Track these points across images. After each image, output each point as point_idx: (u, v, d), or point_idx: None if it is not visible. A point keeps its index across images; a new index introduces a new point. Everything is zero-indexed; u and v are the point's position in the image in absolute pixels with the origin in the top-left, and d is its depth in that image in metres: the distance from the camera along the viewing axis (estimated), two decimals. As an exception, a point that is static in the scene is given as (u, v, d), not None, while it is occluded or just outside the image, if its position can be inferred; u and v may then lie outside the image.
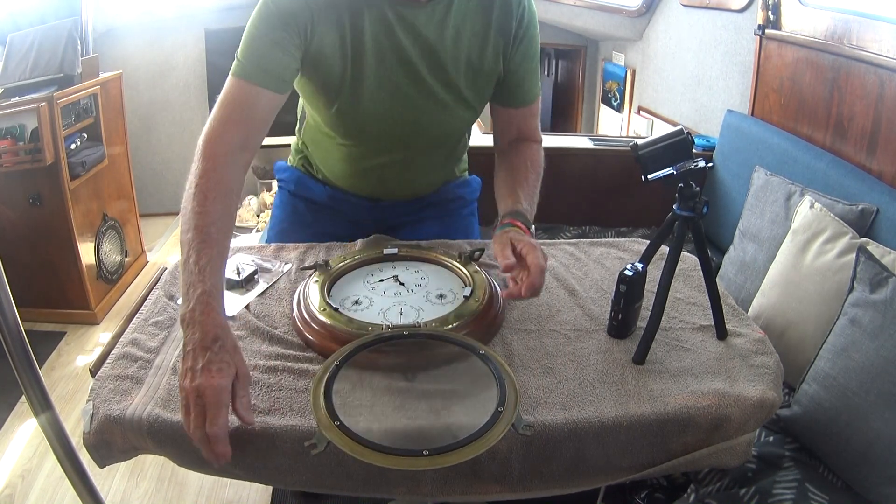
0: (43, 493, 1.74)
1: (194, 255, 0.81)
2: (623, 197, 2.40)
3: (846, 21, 1.75)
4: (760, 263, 1.71)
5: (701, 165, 0.92)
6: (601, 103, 3.86)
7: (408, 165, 1.20)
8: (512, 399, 0.76)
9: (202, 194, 0.86)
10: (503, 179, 1.13)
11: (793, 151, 1.86)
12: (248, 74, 0.96)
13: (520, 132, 1.18)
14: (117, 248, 2.84)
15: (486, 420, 0.73)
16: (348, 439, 0.71)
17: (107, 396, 0.84)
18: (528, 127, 1.18)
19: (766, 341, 0.97)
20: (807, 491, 1.14)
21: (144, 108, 3.55)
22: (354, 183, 1.26)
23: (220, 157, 0.91)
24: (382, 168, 1.20)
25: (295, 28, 0.97)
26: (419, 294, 1.02)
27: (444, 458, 0.69)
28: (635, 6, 3.12)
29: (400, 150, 1.17)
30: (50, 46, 2.43)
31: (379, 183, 1.24)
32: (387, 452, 0.69)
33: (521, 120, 1.18)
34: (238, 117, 0.95)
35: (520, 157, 1.15)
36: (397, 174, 1.22)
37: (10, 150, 2.25)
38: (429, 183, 1.29)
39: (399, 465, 0.69)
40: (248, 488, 1.75)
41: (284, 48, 0.97)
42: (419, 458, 0.69)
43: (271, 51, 0.96)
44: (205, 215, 0.84)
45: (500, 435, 0.72)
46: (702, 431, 0.84)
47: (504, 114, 1.18)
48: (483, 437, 0.71)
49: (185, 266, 0.81)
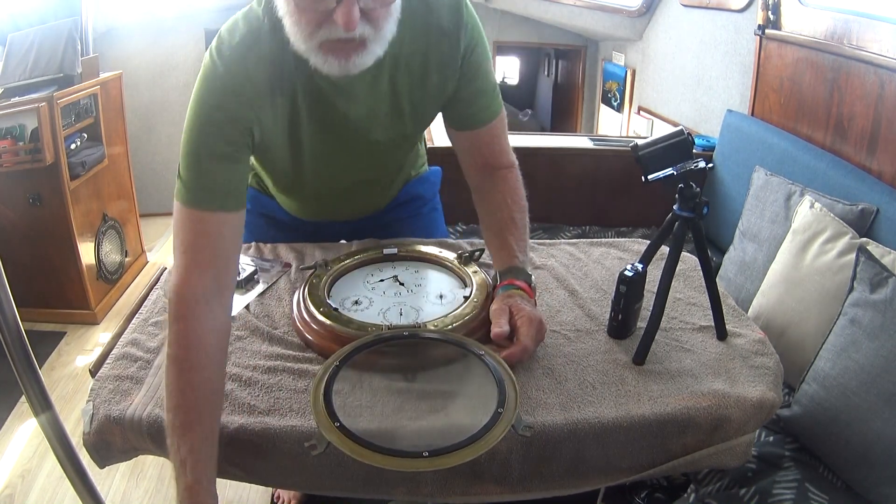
0: (43, 493, 1.74)
1: (175, 442, 0.75)
2: (623, 197, 2.40)
3: (846, 21, 1.75)
4: (760, 263, 1.70)
5: (701, 166, 0.92)
6: (601, 103, 3.86)
7: (358, 196, 1.19)
8: (512, 400, 0.76)
9: (178, 367, 0.78)
10: (488, 226, 1.05)
11: (793, 151, 1.86)
12: (200, 202, 0.85)
13: (486, 158, 1.06)
14: (117, 248, 2.84)
15: (486, 421, 0.73)
16: (348, 440, 0.71)
17: (107, 397, 0.84)
18: (492, 151, 1.06)
19: (766, 342, 0.97)
20: (807, 491, 1.14)
21: (144, 108, 3.55)
22: (308, 212, 1.25)
23: (193, 314, 0.81)
24: (336, 202, 1.19)
25: (240, 133, 0.88)
26: (419, 294, 1.02)
27: (444, 459, 0.69)
28: (635, 6, 3.12)
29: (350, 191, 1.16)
30: (50, 46, 2.44)
31: (334, 212, 1.23)
32: (387, 453, 0.69)
33: (484, 143, 1.06)
34: (203, 257, 0.84)
35: (497, 195, 1.04)
36: (350, 203, 1.21)
37: (10, 150, 2.25)
38: (384, 199, 1.25)
39: (399, 466, 0.69)
40: (248, 488, 1.75)
41: (234, 159, 0.88)
42: (419, 460, 0.69)
43: (221, 168, 0.86)
44: (183, 394, 0.77)
45: (499, 436, 0.72)
46: (702, 432, 0.84)
47: (463, 138, 1.06)
48: (483, 438, 0.71)
49: (171, 451, 0.76)
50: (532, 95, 5.69)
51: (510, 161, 1.08)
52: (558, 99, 4.97)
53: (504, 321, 0.89)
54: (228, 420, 0.80)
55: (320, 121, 0.96)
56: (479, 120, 1.04)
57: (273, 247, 1.23)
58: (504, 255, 1.00)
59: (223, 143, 0.86)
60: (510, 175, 1.06)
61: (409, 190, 1.29)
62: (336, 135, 0.98)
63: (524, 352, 0.86)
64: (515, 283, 0.95)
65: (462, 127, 1.05)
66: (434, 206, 1.35)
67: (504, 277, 0.97)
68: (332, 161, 1.03)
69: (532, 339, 0.87)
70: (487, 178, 1.06)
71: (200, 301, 0.82)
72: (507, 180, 1.06)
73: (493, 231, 1.03)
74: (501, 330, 0.87)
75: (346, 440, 0.71)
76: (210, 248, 0.85)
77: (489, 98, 1.03)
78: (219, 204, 0.86)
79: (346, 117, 0.96)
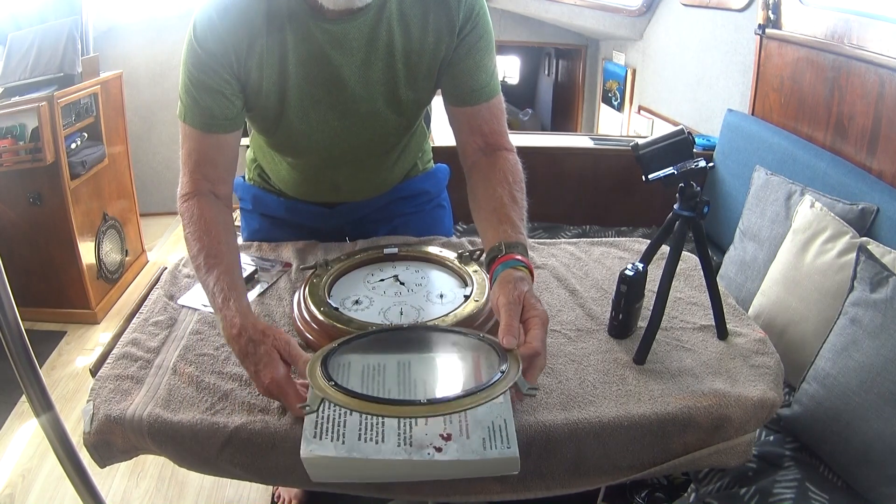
0: (43, 492, 1.74)
1: (205, 279, 0.87)
2: (623, 197, 2.41)
3: (846, 20, 1.75)
4: (761, 263, 1.71)
5: (702, 165, 0.92)
6: (601, 103, 3.86)
7: (357, 172, 1.17)
8: (514, 366, 0.73)
9: (193, 226, 0.92)
10: (485, 203, 0.96)
11: (793, 151, 1.86)
12: (194, 122, 0.96)
13: (485, 138, 1.03)
14: (117, 248, 2.84)
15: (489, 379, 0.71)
16: (343, 395, 0.69)
17: (107, 396, 0.84)
18: (492, 130, 1.03)
19: (767, 341, 0.97)
20: (807, 490, 1.14)
21: (145, 108, 3.55)
22: (307, 191, 1.23)
23: (197, 200, 0.95)
24: (334, 175, 1.17)
25: (228, 70, 0.94)
26: (419, 294, 1.02)
27: (443, 406, 0.67)
28: (636, 6, 3.12)
29: (347, 162, 1.14)
30: (50, 46, 2.44)
31: (332, 190, 1.21)
32: (383, 402, 0.67)
33: (484, 121, 1.03)
34: (199, 166, 0.97)
35: (497, 173, 0.98)
36: (348, 180, 1.19)
37: (10, 149, 2.25)
38: (384, 182, 1.23)
39: (396, 413, 0.67)
40: (248, 488, 1.75)
41: (222, 94, 0.95)
42: (417, 407, 0.67)
43: (211, 97, 0.94)
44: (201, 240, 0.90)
45: (502, 390, 0.69)
46: (702, 431, 0.84)
47: (461, 115, 1.04)
48: (484, 390, 0.68)
49: (205, 291, 0.87)
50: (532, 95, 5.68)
51: (510, 145, 1.05)
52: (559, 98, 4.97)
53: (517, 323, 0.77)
54: (228, 420, 0.80)
55: (309, 72, 0.97)
56: (480, 96, 1.02)
57: (273, 246, 1.23)
58: (506, 230, 0.90)
59: (211, 79, 0.93)
60: (511, 156, 1.03)
61: (415, 184, 1.28)
62: (325, 89, 0.99)
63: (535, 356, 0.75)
64: (519, 259, 0.85)
65: (462, 102, 1.03)
66: (439, 203, 1.34)
67: (507, 251, 0.86)
68: (325, 120, 1.03)
69: (539, 342, 0.76)
70: (486, 157, 1.03)
71: (201, 194, 0.96)
72: (508, 160, 1.01)
73: (492, 207, 0.94)
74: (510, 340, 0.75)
75: (340, 395, 0.69)
76: (205, 160, 0.97)
77: (489, 76, 1.03)
78: (208, 126, 0.96)
79: (339, 71, 0.97)
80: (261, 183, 1.29)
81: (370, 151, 1.14)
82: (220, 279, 0.85)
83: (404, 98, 1.03)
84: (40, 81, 2.39)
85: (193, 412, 0.81)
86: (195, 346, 0.94)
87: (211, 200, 0.96)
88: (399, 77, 1.00)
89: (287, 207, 1.26)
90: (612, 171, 2.43)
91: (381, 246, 1.14)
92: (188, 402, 0.83)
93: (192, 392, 0.84)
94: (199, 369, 0.89)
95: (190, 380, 0.86)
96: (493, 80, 1.04)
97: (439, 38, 0.98)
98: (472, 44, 1.00)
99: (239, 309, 0.82)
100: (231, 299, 0.83)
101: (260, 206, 1.29)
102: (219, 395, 0.84)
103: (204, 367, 0.89)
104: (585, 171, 2.45)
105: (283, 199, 1.26)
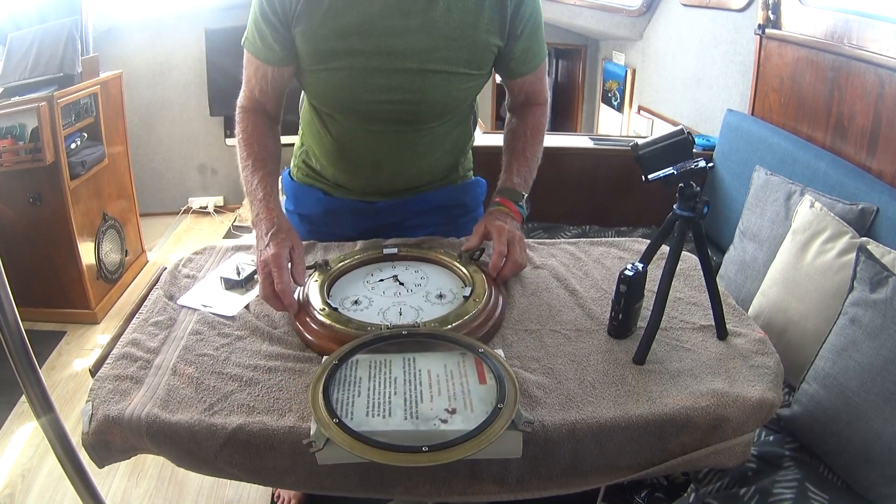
0: (43, 492, 1.74)
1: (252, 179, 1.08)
2: (623, 197, 2.41)
3: (846, 20, 1.75)
4: (760, 263, 1.71)
5: (701, 165, 0.92)
6: (601, 103, 3.86)
7: (400, 149, 1.17)
8: (511, 396, 0.76)
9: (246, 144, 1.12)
10: (506, 146, 1.23)
11: (793, 151, 1.86)
12: (251, 49, 1.12)
13: (527, 96, 1.24)
14: (117, 248, 2.84)
15: (486, 417, 0.73)
16: (347, 436, 0.71)
17: (106, 397, 0.84)
18: (534, 90, 1.24)
19: (767, 341, 0.97)
20: (807, 490, 1.14)
21: (144, 108, 3.55)
22: (348, 168, 1.23)
23: (249, 118, 1.15)
24: (376, 150, 1.17)
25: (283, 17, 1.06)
26: (419, 294, 1.02)
27: (444, 454, 0.69)
28: (635, 6, 3.12)
29: (390, 131, 1.15)
30: (50, 46, 2.44)
31: (373, 168, 1.20)
32: (386, 449, 0.69)
33: (529, 86, 1.22)
34: (253, 90, 1.15)
35: (521, 126, 1.23)
36: (390, 158, 1.18)
37: (10, 149, 2.25)
38: (425, 169, 1.24)
39: (399, 461, 0.69)
40: (248, 488, 1.75)
41: (276, 28, 1.07)
42: (419, 455, 0.69)
43: (267, 32, 1.07)
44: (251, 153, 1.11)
45: (499, 431, 0.72)
46: (700, 432, 0.84)
47: (512, 84, 1.23)
48: (482, 433, 0.71)
49: (247, 190, 1.08)
50: (532, 95, 5.67)
51: (544, 97, 1.27)
52: (558, 98, 4.96)
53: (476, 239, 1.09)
54: (228, 420, 0.80)
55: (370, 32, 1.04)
56: (532, 68, 1.19)
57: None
58: (503, 177, 1.17)
59: (270, 14, 1.06)
60: (538, 111, 1.26)
61: (454, 194, 1.30)
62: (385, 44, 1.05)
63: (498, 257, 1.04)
64: (498, 201, 1.13)
65: (518, 75, 1.20)
66: (474, 218, 1.32)
67: (495, 196, 1.15)
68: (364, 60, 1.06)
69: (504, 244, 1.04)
70: (521, 110, 1.26)
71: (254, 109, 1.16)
72: (535, 115, 1.25)
73: (505, 157, 1.22)
74: (469, 244, 1.09)
75: (344, 436, 0.71)
76: (258, 83, 1.14)
77: (540, 45, 1.18)
78: (262, 57, 1.11)
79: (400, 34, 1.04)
80: (305, 172, 1.30)
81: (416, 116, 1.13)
82: (263, 179, 1.07)
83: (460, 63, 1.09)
84: (40, 81, 2.39)
85: (192, 413, 0.81)
86: (195, 347, 0.94)
87: (261, 116, 1.16)
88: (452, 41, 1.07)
89: (325, 205, 1.27)
90: (612, 171, 2.43)
91: (381, 246, 1.14)
92: (187, 403, 0.83)
93: (191, 392, 0.84)
94: (199, 370, 0.89)
95: (189, 380, 0.86)
96: (541, 50, 1.19)
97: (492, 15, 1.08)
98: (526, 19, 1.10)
99: (275, 206, 1.04)
100: (271, 197, 1.05)
101: (300, 206, 1.31)
102: (218, 396, 0.84)
103: (203, 368, 0.89)
104: (585, 171, 2.45)
105: (323, 197, 1.27)
